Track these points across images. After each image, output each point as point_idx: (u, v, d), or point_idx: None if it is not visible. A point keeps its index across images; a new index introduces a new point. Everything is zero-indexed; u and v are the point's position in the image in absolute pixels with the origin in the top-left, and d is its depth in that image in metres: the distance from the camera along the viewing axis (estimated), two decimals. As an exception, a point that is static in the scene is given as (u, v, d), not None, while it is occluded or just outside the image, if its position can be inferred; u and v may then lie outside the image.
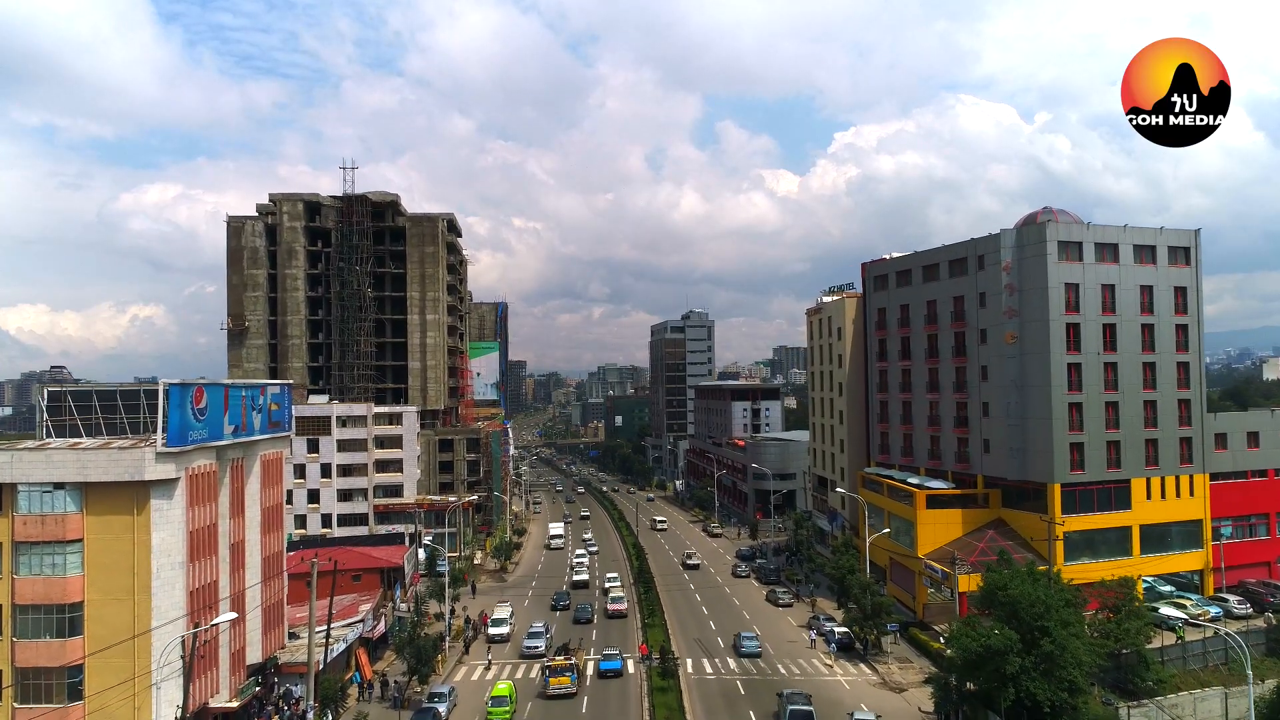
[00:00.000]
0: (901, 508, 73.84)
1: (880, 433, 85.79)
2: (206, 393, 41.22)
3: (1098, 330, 67.12)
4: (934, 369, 77.81)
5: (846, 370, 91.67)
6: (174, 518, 38.94)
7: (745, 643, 64.74)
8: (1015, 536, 68.34)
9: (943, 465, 76.38)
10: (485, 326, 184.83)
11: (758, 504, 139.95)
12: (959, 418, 74.56)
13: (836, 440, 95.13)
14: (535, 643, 64.92)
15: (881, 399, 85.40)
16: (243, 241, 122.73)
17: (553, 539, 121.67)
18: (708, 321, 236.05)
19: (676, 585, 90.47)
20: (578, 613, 76.07)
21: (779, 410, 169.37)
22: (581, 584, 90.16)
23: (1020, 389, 68.03)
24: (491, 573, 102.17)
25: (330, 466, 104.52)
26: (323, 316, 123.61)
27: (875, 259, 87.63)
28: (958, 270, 75.03)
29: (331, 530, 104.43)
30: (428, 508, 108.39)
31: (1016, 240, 68.81)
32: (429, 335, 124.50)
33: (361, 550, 72.06)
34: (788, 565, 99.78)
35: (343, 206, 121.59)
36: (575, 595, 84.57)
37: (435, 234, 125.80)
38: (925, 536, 69.92)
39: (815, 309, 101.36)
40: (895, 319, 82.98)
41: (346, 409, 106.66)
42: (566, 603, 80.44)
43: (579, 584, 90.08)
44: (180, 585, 39.01)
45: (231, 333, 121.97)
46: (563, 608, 79.44)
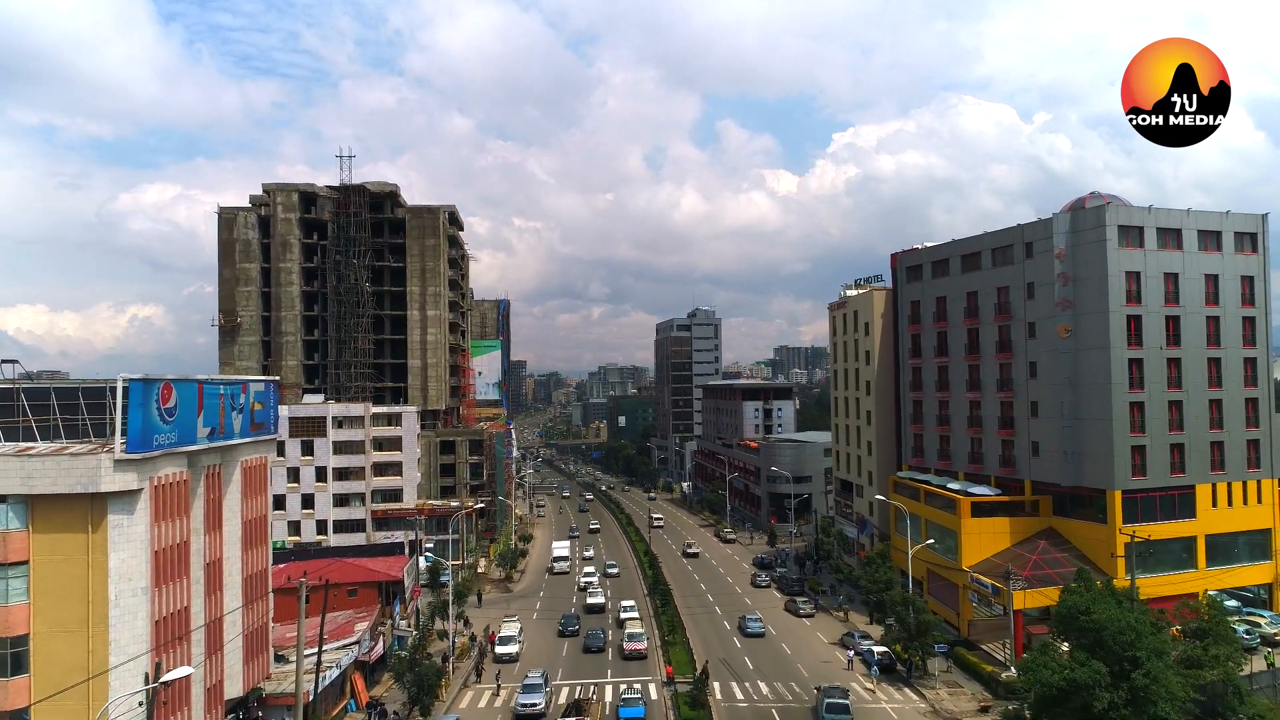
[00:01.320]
0: (942, 516, 68.28)
1: (914, 434, 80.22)
2: (176, 390, 35.63)
3: (1160, 323, 61.57)
4: (975, 366, 72.27)
5: (875, 368, 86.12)
6: (136, 535, 33.37)
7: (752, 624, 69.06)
8: (1069, 547, 62.81)
9: (985, 470, 70.81)
10: (487, 324, 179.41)
11: (772, 508, 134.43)
12: (1004, 418, 68.99)
13: (863, 442, 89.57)
14: (532, 699, 51.54)
15: (915, 398, 79.85)
16: (235, 234, 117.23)
17: (557, 561, 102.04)
18: (714, 320, 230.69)
19: (693, 594, 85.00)
20: (589, 640, 66.44)
21: (791, 410, 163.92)
22: (596, 608, 78.50)
23: (1075, 387, 62.47)
24: (496, 582, 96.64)
25: (326, 470, 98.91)
26: (318, 312, 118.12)
27: (907, 248, 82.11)
28: (1002, 259, 69.47)
29: (327, 537, 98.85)
30: (428, 513, 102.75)
31: (1071, 225, 63.25)
32: (430, 332, 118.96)
33: (357, 562, 66.48)
34: (810, 574, 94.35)
35: (339, 197, 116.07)
36: (586, 620, 74.66)
37: (436, 226, 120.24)
38: (970, 547, 64.36)
39: (839, 303, 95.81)
40: (931, 312, 77.41)
41: (343, 409, 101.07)
42: (576, 627, 70.87)
43: (592, 608, 78.53)
44: (143, 615, 33.41)
45: (223, 329, 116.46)
46: (571, 633, 70.10)
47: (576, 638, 69.39)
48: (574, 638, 69.57)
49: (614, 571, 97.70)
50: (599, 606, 78.67)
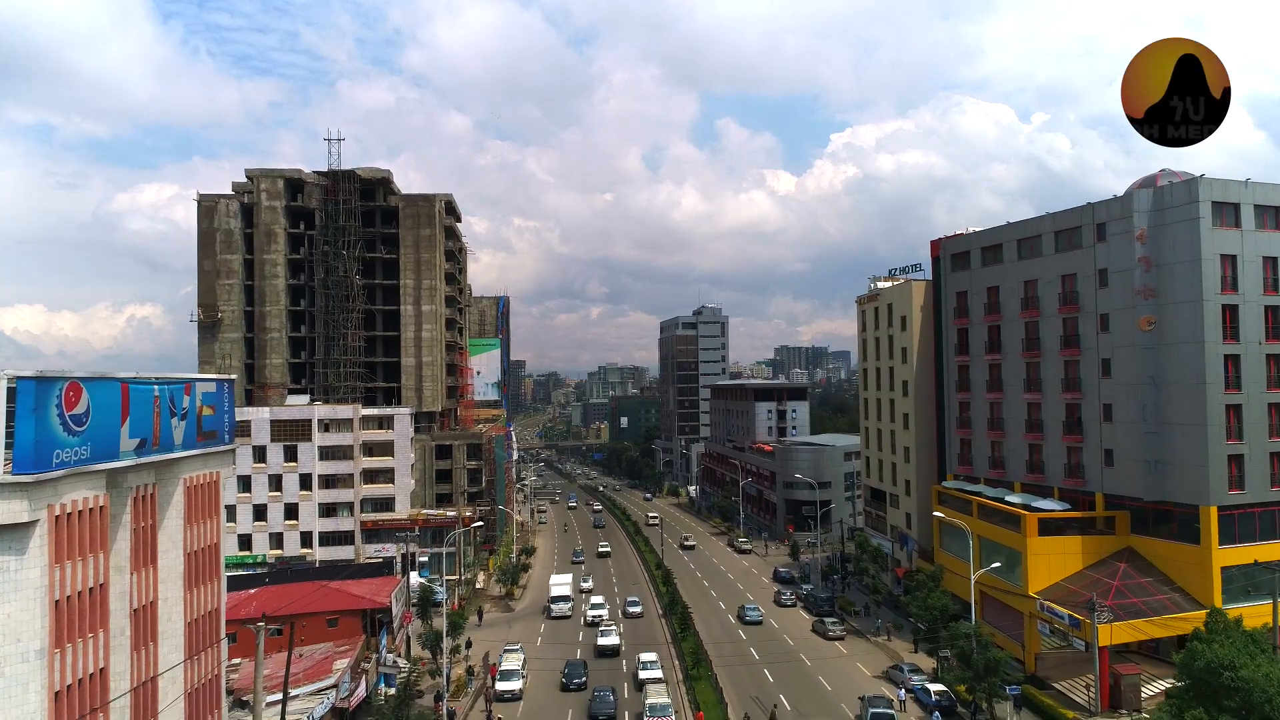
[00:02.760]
0: (1001, 533, 60.39)
1: (960, 440, 72.33)
2: (87, 392, 27.69)
3: (1259, 313, 53.73)
4: (1034, 363, 64.38)
5: (913, 366, 78.25)
6: (27, 582, 25.44)
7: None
8: (1152, 571, 54.92)
9: (1047, 481, 62.92)
10: (486, 322, 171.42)
11: (789, 516, 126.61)
12: (1070, 422, 61.11)
13: (899, 448, 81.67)
14: None
15: (962, 399, 71.97)
16: (215, 223, 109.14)
17: (555, 602, 79.84)
18: (721, 318, 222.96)
19: (711, 612, 77.10)
20: (596, 706, 52.47)
21: (806, 412, 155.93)
22: (607, 651, 64.53)
23: (1159, 387, 54.59)
24: (496, 599, 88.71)
25: (311, 477, 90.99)
26: (305, 307, 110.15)
27: (951, 234, 74.29)
28: (1068, 243, 61.58)
29: (313, 551, 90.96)
30: (423, 524, 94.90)
31: (1154, 202, 55.37)
32: (425, 328, 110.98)
33: (339, 586, 58.51)
34: (839, 591, 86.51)
35: (328, 184, 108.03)
36: (595, 666, 61.78)
37: (432, 215, 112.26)
38: (1037, 570, 56.46)
39: (870, 296, 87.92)
40: (980, 304, 69.56)
41: (330, 411, 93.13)
42: (582, 679, 57.79)
43: (604, 651, 64.66)
44: (37, 686, 25.45)
45: (203, 325, 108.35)
46: (577, 687, 56.92)
47: (584, 692, 56.38)
48: (581, 692, 56.63)
49: (635, 610, 78.60)
50: (611, 650, 64.98)
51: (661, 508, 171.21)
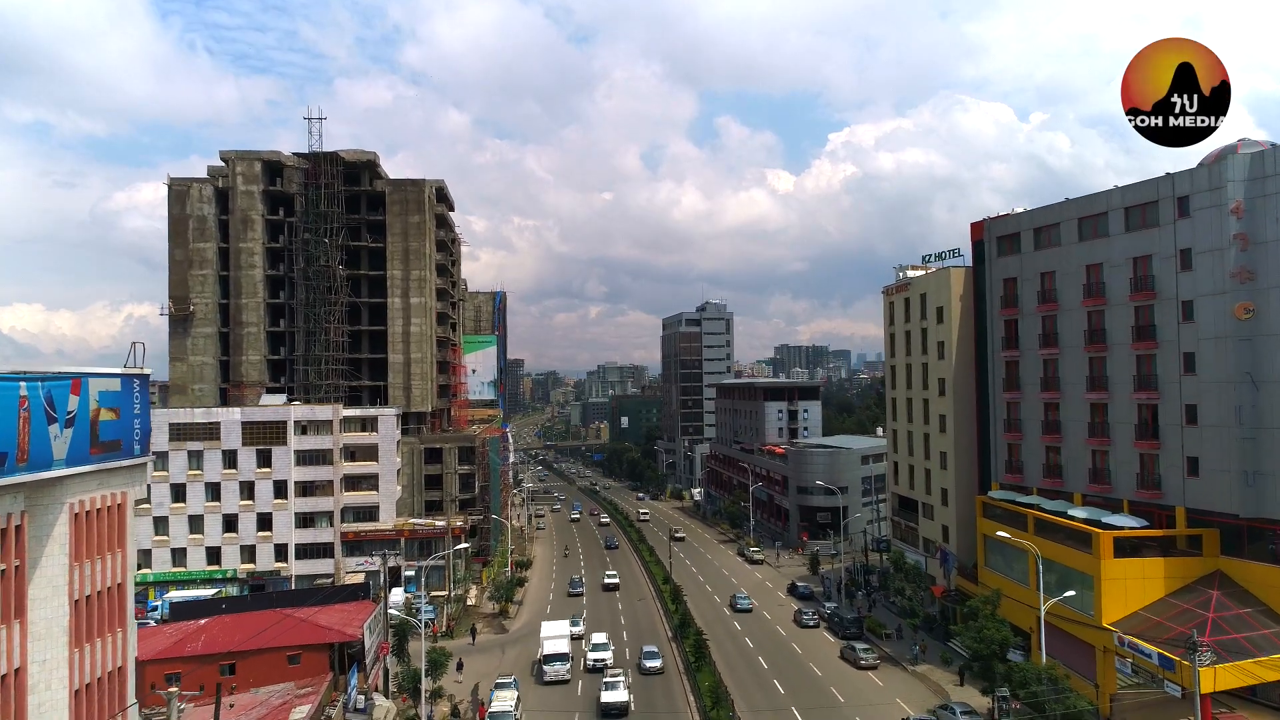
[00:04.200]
0: (1064, 552, 52.61)
1: (1007, 445, 64.55)
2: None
3: (1376, 300, 46.03)
4: (1099, 358, 56.58)
5: (951, 362, 70.48)
6: None
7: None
8: (1249, 599, 47.15)
9: (1115, 492, 55.11)
10: (482, 318, 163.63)
11: (803, 523, 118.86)
12: (1143, 426, 53.33)
13: (933, 452, 73.88)
14: None
15: (1010, 399, 64.19)
16: (188, 209, 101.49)
17: (550, 663, 61.12)
18: (726, 314, 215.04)
19: (726, 634, 69.33)
20: None
21: (819, 412, 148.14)
22: (614, 711, 52.47)
23: (1258, 385, 46.83)
24: (489, 617, 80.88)
25: (286, 485, 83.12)
26: (285, 300, 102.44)
27: (997, 215, 66.49)
28: (1141, 220, 53.79)
29: (288, 565, 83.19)
30: (409, 535, 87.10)
31: (1252, 170, 47.62)
32: (414, 322, 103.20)
33: (305, 615, 50.68)
34: (867, 610, 78.83)
35: (309, 167, 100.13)
36: None
37: (421, 201, 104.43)
38: (1112, 597, 48.71)
39: (898, 285, 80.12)
40: (1033, 292, 61.77)
41: (308, 411, 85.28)
42: None
43: (609, 710, 52.47)
44: None
45: (173, 319, 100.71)
46: None
47: None
48: None
49: (653, 665, 61.81)
50: (618, 709, 52.56)
51: (664, 511, 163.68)
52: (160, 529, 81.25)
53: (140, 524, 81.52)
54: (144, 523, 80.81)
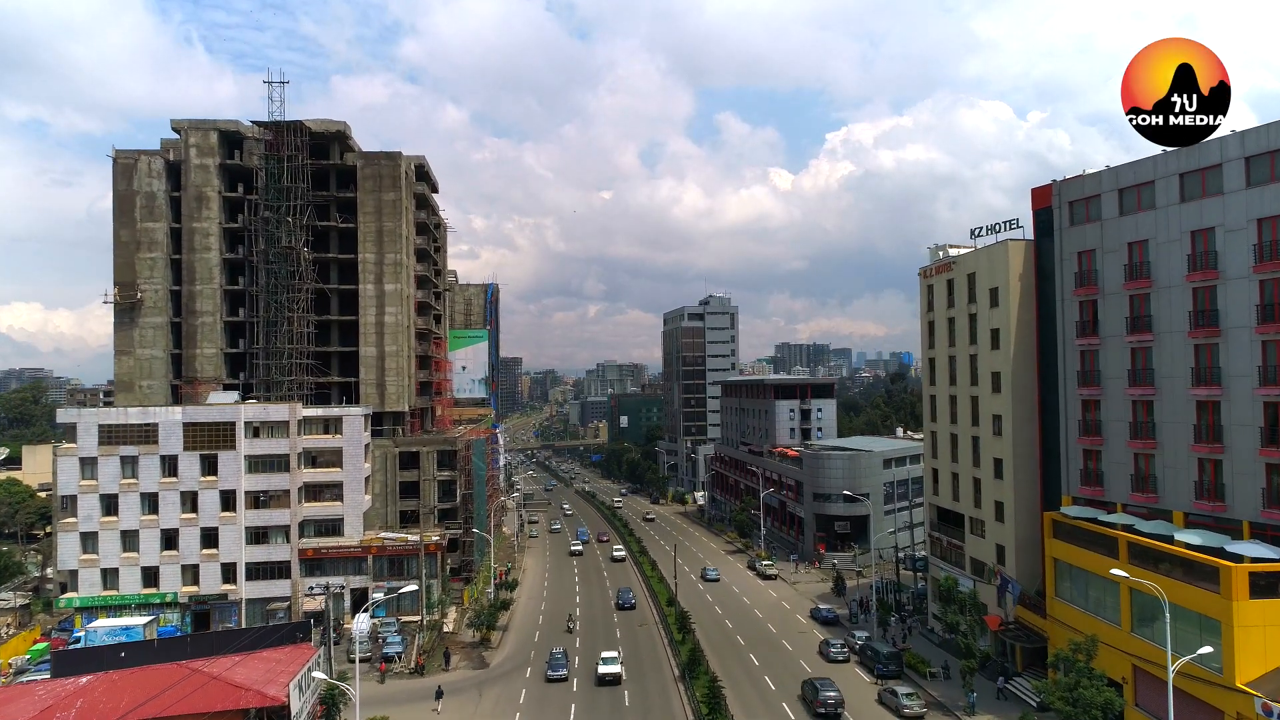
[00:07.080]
0: (1176, 588, 41.88)
1: (1083, 451, 53.83)
2: None
3: None
4: (1208, 346, 45.93)
5: (1009, 353, 59.75)
6: None
7: None
8: None
9: (1230, 512, 44.45)
10: (473, 311, 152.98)
11: (819, 533, 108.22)
12: (1271, 430, 42.65)
13: (984, 459, 63.14)
14: None
15: (1086, 396, 53.50)
16: (135, 185, 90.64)
17: None
18: (730, 308, 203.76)
19: (743, 670, 58.61)
20: None
21: (833, 412, 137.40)
22: None
23: None
24: (468, 647, 70.19)
25: (235, 495, 72.39)
26: (245, 286, 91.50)
27: (1067, 177, 55.74)
28: (1263, 173, 43.15)
29: (237, 587, 72.55)
30: (378, 552, 76.41)
31: None
32: (388, 312, 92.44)
33: (218, 671, 39.85)
34: (903, 639, 68.27)
35: (270, 137, 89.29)
36: None
37: (397, 177, 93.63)
38: (1248, 650, 38.11)
39: (940, 265, 69.40)
40: (1118, 266, 51.07)
41: (260, 411, 74.58)
42: None
43: None
44: None
45: (119, 308, 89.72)
46: None
47: None
48: None
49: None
50: None
51: (667, 516, 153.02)
52: (88, 546, 70.52)
53: (65, 541, 71.13)
54: (69, 539, 70.25)
